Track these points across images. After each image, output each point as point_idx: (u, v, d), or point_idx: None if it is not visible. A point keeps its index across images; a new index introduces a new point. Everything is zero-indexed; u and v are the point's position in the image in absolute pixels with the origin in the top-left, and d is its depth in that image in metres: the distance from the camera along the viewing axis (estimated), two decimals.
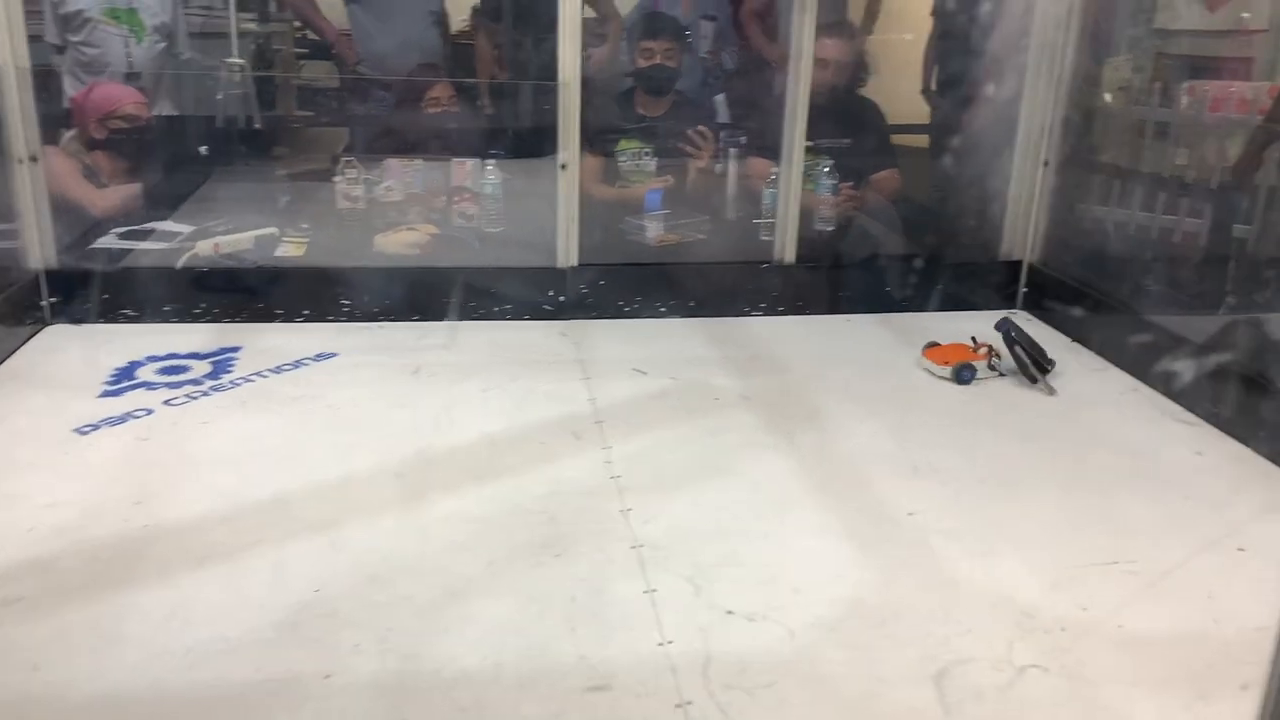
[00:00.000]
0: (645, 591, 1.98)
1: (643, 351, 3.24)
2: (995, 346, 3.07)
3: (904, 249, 3.93)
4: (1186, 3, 4.16)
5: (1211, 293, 3.12)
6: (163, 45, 4.21)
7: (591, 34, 4.44)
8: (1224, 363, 2.84)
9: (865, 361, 3.25)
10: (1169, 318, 3.14)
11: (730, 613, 1.92)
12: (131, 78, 4.07)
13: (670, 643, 1.83)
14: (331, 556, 2.06)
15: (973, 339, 3.12)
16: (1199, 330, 2.99)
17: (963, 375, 3.03)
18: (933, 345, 3.15)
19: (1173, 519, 2.33)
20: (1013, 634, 1.89)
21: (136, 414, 2.67)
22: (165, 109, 4.25)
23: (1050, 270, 3.70)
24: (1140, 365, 3.14)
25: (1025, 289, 3.80)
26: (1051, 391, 2.98)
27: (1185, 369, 2.95)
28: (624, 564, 2.07)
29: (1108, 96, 3.89)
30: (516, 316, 3.50)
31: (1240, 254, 3.17)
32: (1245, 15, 4.10)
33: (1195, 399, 2.90)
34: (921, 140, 4.81)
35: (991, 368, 3.07)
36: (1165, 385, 3.02)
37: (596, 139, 3.86)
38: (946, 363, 3.06)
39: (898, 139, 4.45)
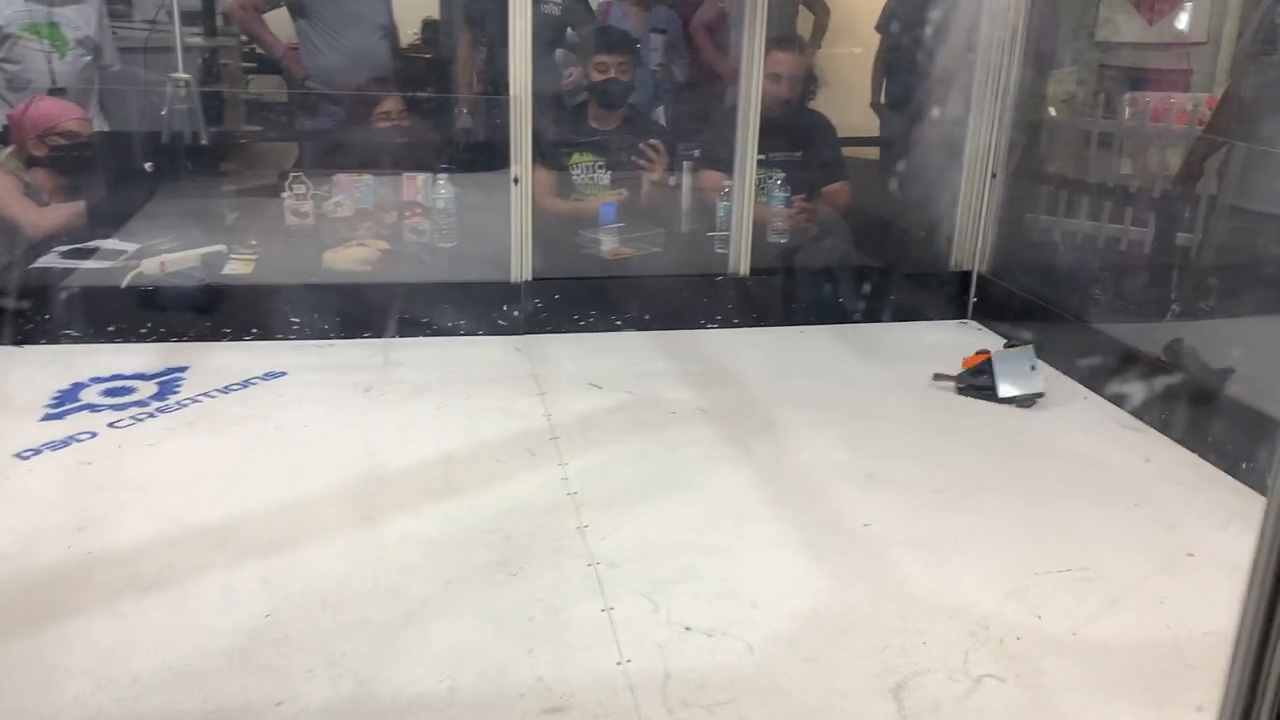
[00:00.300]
0: (603, 609, 1.96)
1: (598, 366, 3.23)
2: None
3: (856, 261, 3.96)
4: (1126, 16, 4.25)
5: (1158, 301, 3.17)
6: (88, 59, 4.12)
7: (574, 53, 4.44)
8: (1170, 371, 2.89)
9: (820, 373, 3.26)
10: (1116, 326, 3.19)
11: (689, 629, 1.91)
12: (58, 92, 3.98)
13: (629, 661, 1.82)
14: (283, 580, 2.02)
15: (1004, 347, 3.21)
16: (1146, 338, 3.04)
17: None
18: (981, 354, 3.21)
19: (1124, 526, 2.36)
20: (969, 644, 1.90)
21: (80, 437, 2.61)
22: (99, 124, 4.16)
23: (1000, 280, 3.75)
24: (1089, 373, 3.18)
25: (975, 299, 3.84)
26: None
27: (1132, 377, 3.00)
28: (581, 582, 2.05)
29: (1052, 110, 3.96)
30: (470, 332, 3.47)
31: (1185, 262, 3.23)
32: (1182, 27, 4.19)
33: (1143, 406, 2.94)
34: (871, 153, 4.87)
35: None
36: (1113, 393, 3.07)
37: (550, 153, 3.85)
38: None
39: (848, 151, 4.49)
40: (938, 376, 3.15)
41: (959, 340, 3.64)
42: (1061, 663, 1.86)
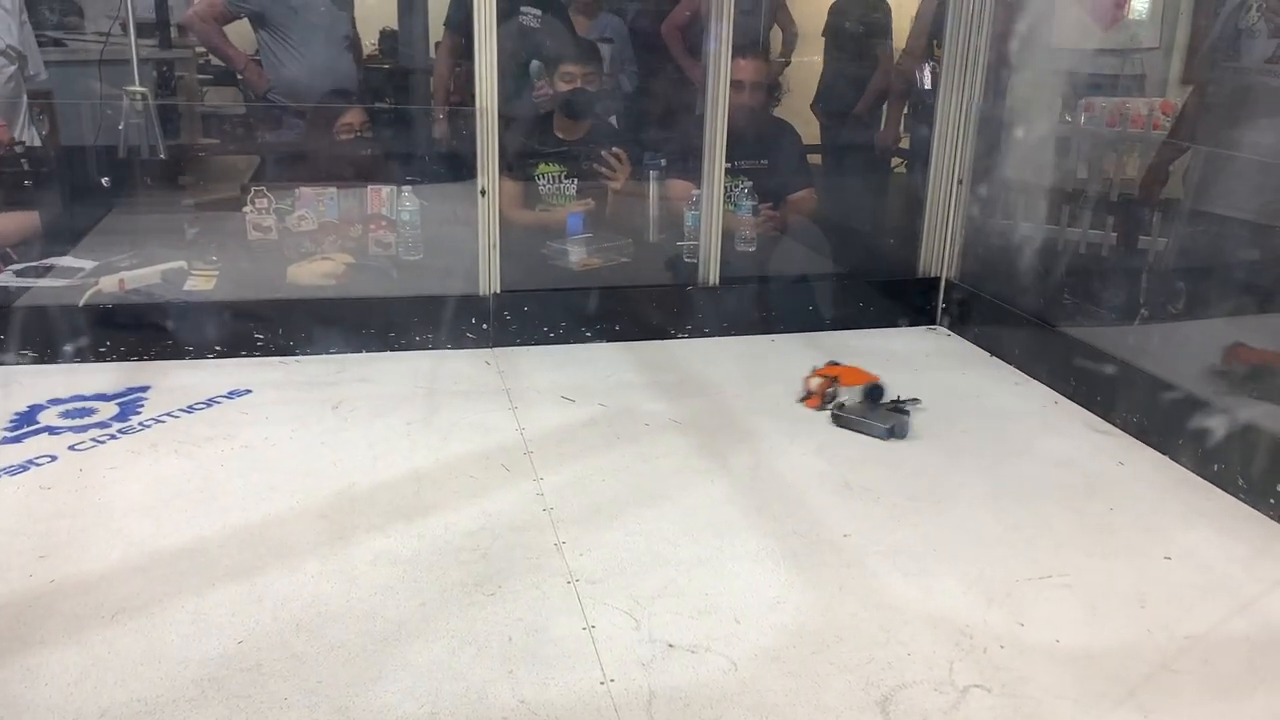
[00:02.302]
0: (584, 628, 1.93)
1: (569, 378, 3.20)
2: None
3: (825, 268, 3.97)
4: (1081, 22, 4.30)
5: (1125, 304, 3.19)
6: (12, 69, 4.02)
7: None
8: (1141, 374, 2.90)
9: (792, 381, 3.23)
10: (1084, 329, 3.21)
11: (671, 646, 1.89)
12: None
13: (612, 680, 1.79)
14: (254, 605, 1.97)
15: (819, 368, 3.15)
16: (1115, 342, 3.06)
17: (873, 395, 3.01)
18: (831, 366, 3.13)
19: (1100, 530, 2.37)
20: (953, 654, 1.89)
21: (39, 461, 2.54)
22: (31, 135, 4.06)
23: (969, 286, 3.76)
24: (1059, 378, 3.20)
25: (944, 305, 3.85)
26: None
27: (1102, 381, 3.02)
28: (561, 600, 2.02)
29: (1015, 113, 3.99)
30: (438, 346, 3.42)
31: (1151, 266, 3.26)
32: (1139, 32, 4.25)
33: (1114, 410, 2.96)
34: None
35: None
36: (1085, 397, 3.09)
37: (516, 164, 3.82)
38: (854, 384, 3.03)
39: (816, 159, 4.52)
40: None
41: (927, 346, 3.67)
42: (1047, 671, 1.85)
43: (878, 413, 2.91)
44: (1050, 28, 4.22)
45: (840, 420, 2.92)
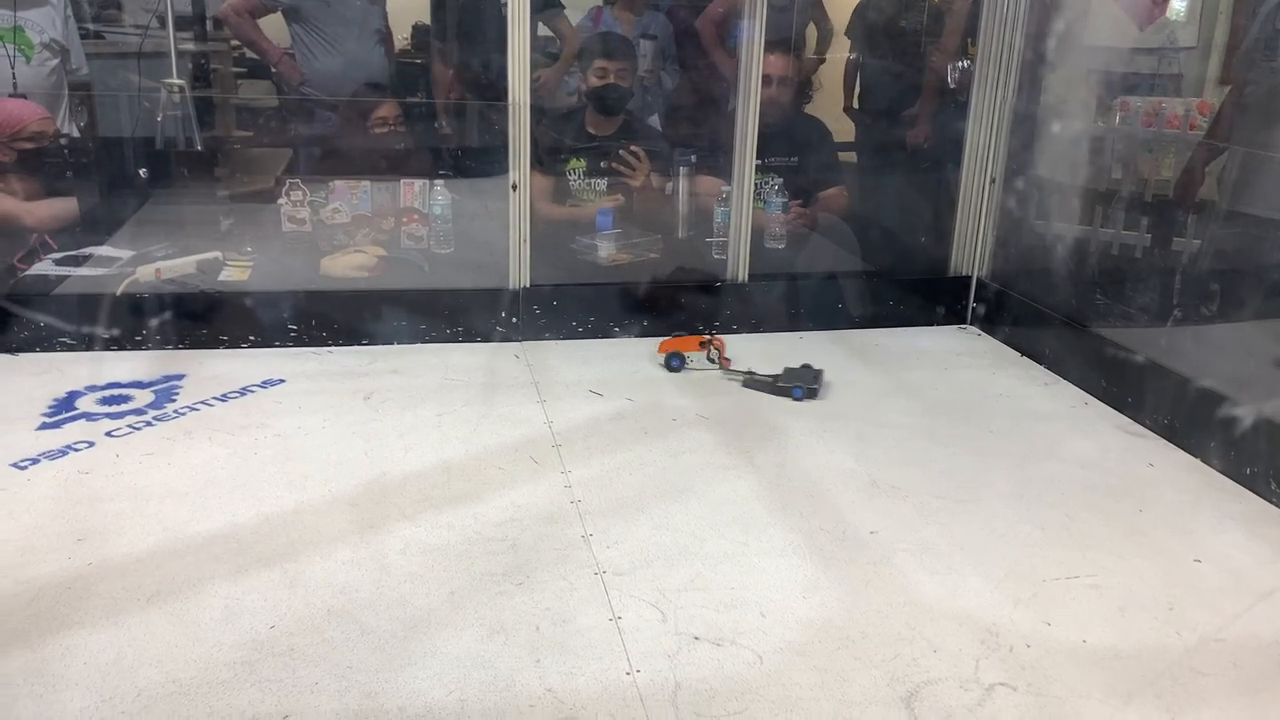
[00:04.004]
0: (610, 619, 1.95)
1: (598, 372, 3.22)
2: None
3: (854, 266, 3.96)
4: (1117, 20, 4.26)
5: (1158, 305, 3.17)
6: (55, 62, 4.08)
7: (542, 54, 4.43)
8: (1173, 375, 2.89)
9: None
10: (1116, 330, 3.19)
11: (697, 638, 1.90)
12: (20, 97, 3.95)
13: (638, 671, 1.80)
14: (286, 591, 2.00)
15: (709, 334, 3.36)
16: (1146, 343, 3.04)
17: (671, 363, 3.23)
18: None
19: (1129, 531, 2.36)
20: (979, 652, 1.89)
21: (77, 446, 2.58)
22: (70, 127, 4.12)
23: (1000, 285, 3.74)
24: (1090, 378, 3.18)
25: (975, 304, 3.84)
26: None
27: (1134, 382, 3.00)
28: (588, 591, 2.04)
29: (1049, 112, 3.96)
30: (468, 339, 3.45)
31: (1185, 267, 3.23)
32: (1176, 31, 4.20)
33: (1145, 411, 2.94)
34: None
35: (710, 360, 3.24)
36: (1116, 398, 3.07)
37: (547, 158, 3.83)
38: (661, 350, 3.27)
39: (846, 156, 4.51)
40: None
41: (958, 345, 3.66)
42: (1072, 670, 1.85)
43: (790, 375, 3.11)
44: (1085, 25, 4.19)
45: (751, 384, 3.14)
